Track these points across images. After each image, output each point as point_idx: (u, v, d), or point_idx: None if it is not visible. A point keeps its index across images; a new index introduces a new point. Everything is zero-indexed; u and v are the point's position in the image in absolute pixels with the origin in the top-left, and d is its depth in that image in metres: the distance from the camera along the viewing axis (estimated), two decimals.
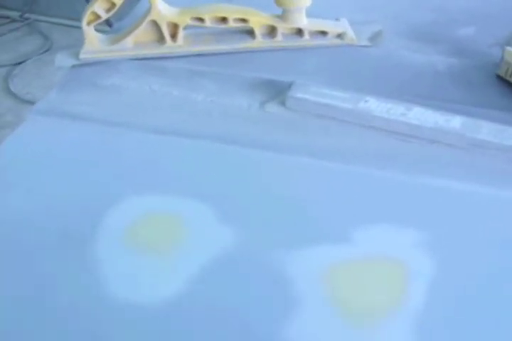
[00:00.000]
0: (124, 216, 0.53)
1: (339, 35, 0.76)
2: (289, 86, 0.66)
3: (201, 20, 0.72)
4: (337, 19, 0.78)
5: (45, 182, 0.58)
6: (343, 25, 0.76)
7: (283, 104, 0.65)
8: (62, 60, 0.74)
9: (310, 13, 0.75)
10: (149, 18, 0.71)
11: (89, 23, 0.71)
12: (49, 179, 0.58)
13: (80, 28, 0.72)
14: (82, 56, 0.73)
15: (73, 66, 0.73)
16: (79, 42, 0.74)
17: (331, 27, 0.75)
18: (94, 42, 0.73)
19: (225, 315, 0.46)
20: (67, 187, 0.57)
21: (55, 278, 0.48)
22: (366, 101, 0.63)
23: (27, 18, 2.43)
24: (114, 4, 0.70)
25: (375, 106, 0.62)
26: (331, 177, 0.58)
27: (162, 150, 0.61)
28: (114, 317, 0.46)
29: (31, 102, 1.98)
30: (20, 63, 2.20)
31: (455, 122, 0.61)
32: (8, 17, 2.42)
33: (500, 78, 0.70)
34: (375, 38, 0.77)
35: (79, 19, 0.71)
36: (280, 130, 0.63)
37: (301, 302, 0.46)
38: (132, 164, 0.59)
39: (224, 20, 0.73)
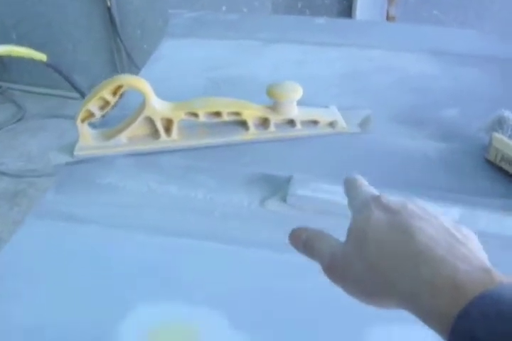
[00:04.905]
0: (138, 327, 0.52)
1: (330, 124, 0.77)
2: (288, 181, 0.66)
3: (195, 115, 0.73)
4: (326, 106, 0.79)
5: (49, 292, 0.56)
6: (333, 113, 0.78)
7: (283, 200, 0.65)
8: (57, 157, 0.74)
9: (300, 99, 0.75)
10: (144, 114, 0.72)
11: (83, 121, 0.72)
12: (52, 288, 0.57)
13: (53, 95, 0.73)
14: (76, 153, 0.73)
15: (67, 163, 0.73)
16: (51, 110, 0.74)
17: (322, 116, 0.77)
18: (88, 138, 0.73)
19: None
20: (73, 298, 0.56)
21: None
22: None
23: None
24: (108, 102, 0.71)
25: None
26: None
27: (165, 253, 0.60)
28: None
29: (4, 173, 1.96)
30: None
31: (453, 213, 0.62)
32: None
33: (490, 163, 0.72)
34: (364, 123, 0.78)
35: (51, 86, 0.72)
36: (280, 228, 0.63)
37: None
38: (135, 269, 0.59)
39: (217, 114, 0.74)
